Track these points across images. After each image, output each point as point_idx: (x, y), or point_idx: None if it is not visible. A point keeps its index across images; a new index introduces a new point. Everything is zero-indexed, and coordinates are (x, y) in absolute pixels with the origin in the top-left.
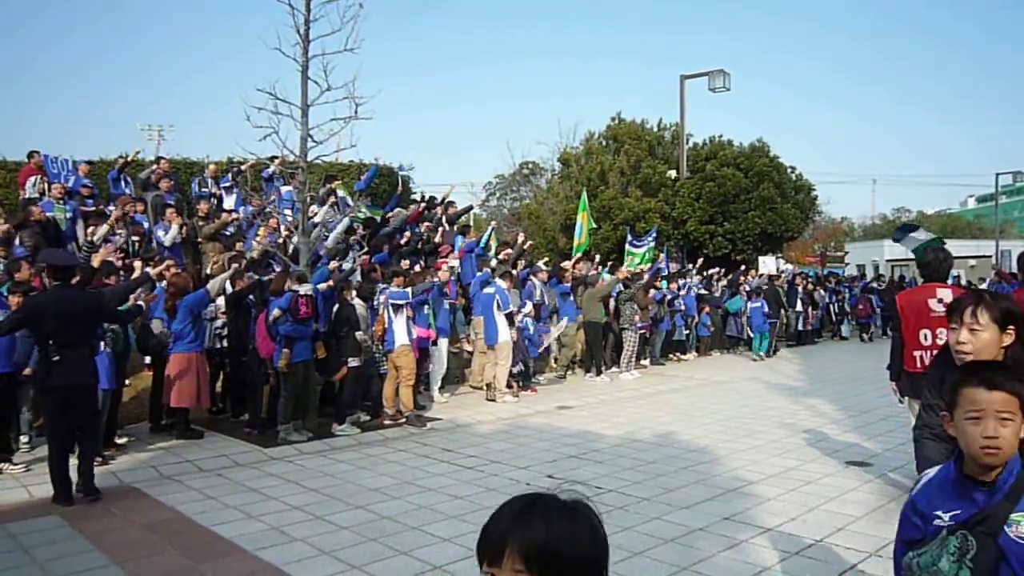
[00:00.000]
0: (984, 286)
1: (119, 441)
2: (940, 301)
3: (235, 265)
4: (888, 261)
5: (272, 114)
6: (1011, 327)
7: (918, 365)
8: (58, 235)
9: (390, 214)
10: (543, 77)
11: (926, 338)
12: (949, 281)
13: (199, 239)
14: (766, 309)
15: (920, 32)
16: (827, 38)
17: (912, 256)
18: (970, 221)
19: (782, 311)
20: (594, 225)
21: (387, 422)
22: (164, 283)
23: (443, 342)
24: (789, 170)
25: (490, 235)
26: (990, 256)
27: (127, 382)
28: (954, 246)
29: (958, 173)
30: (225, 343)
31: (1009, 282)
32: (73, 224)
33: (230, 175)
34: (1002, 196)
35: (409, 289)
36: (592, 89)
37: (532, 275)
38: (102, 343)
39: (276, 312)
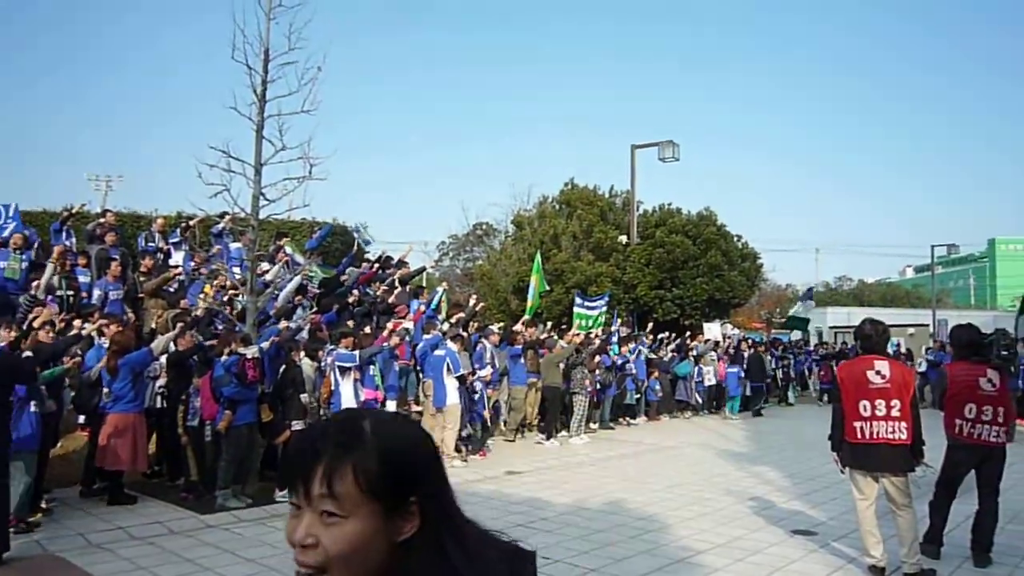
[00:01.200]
0: (924, 354)
1: (44, 506)
2: (878, 373)
3: (180, 324)
4: (831, 328)
5: (224, 171)
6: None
7: (858, 436)
8: None
9: (343, 276)
10: (498, 140)
11: (865, 409)
12: (890, 350)
13: (140, 294)
14: (742, 375)
15: (861, 109)
16: (773, 116)
17: (853, 324)
18: (908, 290)
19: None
20: (546, 288)
21: None
22: (104, 340)
23: (391, 404)
24: (736, 238)
25: (441, 297)
26: (928, 325)
27: (59, 443)
28: (893, 315)
29: (896, 244)
30: (165, 403)
31: (947, 353)
32: (27, 275)
33: (179, 231)
34: (938, 267)
35: (357, 352)
36: (546, 154)
37: (484, 338)
38: (32, 403)
39: (221, 373)
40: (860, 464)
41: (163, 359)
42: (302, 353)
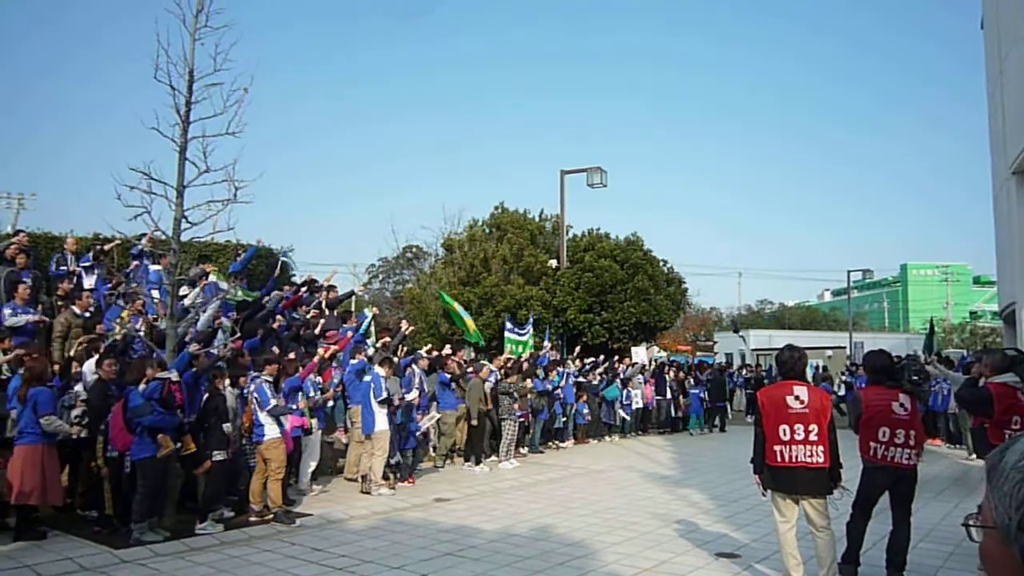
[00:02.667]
0: (842, 377)
1: None
2: (797, 398)
3: (96, 354)
4: (753, 350)
5: (145, 193)
6: None
7: (779, 459)
8: None
9: (266, 298)
10: (428, 162)
11: (785, 433)
12: (809, 374)
13: (55, 324)
14: (704, 395)
15: (782, 136)
16: (697, 143)
17: (775, 347)
18: (826, 313)
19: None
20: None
21: (253, 519)
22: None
23: (316, 432)
24: (662, 263)
25: (370, 321)
26: (845, 347)
27: None
28: (813, 337)
29: (815, 268)
30: (84, 434)
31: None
32: None
33: (91, 254)
34: (854, 291)
35: (274, 402)
36: (475, 177)
37: (414, 363)
38: None
39: (139, 402)
40: (781, 487)
41: (79, 387)
42: (227, 381)
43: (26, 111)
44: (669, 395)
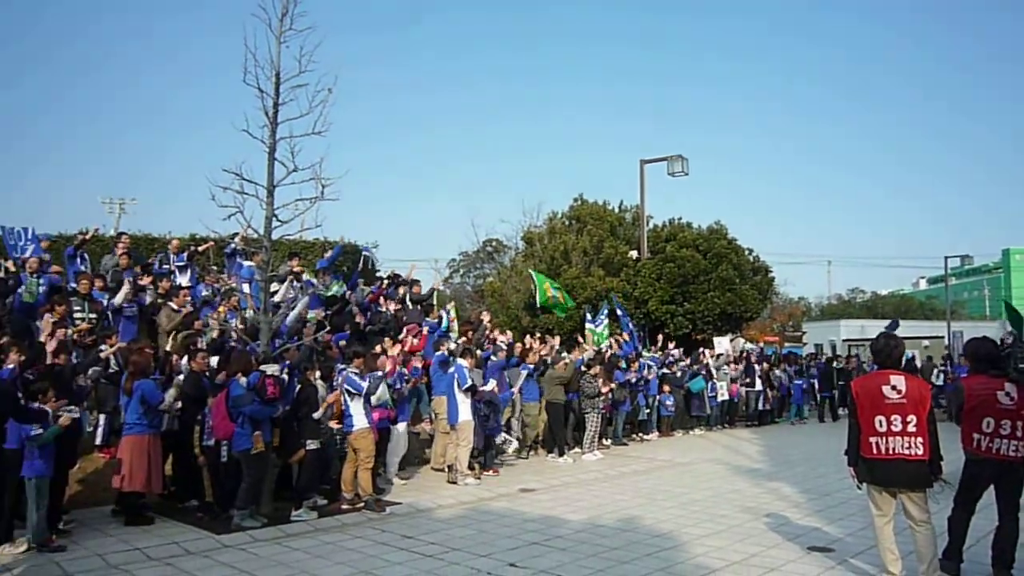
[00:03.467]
0: (939, 367)
1: (63, 527)
2: (894, 388)
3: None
4: (844, 340)
5: (237, 193)
6: None
7: (874, 451)
8: None
9: (350, 294)
10: (508, 157)
11: (881, 424)
12: (903, 364)
13: (157, 320)
14: (805, 386)
15: (875, 119)
16: (781, 129)
17: (868, 337)
18: (922, 302)
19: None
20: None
21: (345, 507)
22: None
23: (402, 424)
24: (747, 252)
25: (451, 316)
26: (942, 337)
27: (77, 465)
28: (908, 327)
29: (909, 255)
30: (177, 424)
31: (963, 366)
32: (47, 299)
33: (185, 254)
34: (952, 278)
35: (365, 383)
36: (555, 170)
37: (494, 354)
38: (33, 427)
39: (240, 392)
40: (877, 480)
41: (172, 391)
42: (317, 373)
43: (122, 117)
44: (758, 387)
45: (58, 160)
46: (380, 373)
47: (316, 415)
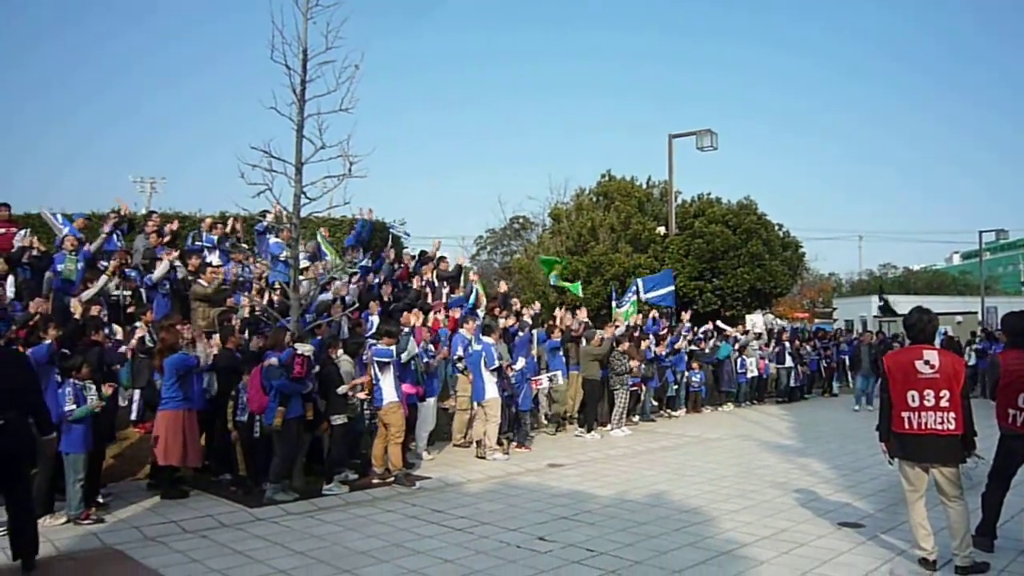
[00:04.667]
0: (972, 344)
1: (101, 501)
2: (927, 363)
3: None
4: (875, 317)
5: (266, 171)
6: None
7: (906, 426)
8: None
9: (377, 271)
10: (534, 133)
11: (914, 400)
12: (936, 341)
13: (189, 295)
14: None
15: (906, 94)
16: (811, 101)
17: (899, 313)
18: (955, 277)
19: None
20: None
21: (375, 481)
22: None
23: (431, 399)
24: (776, 227)
25: (476, 291)
26: (976, 312)
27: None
28: (940, 302)
29: (942, 230)
30: (212, 400)
31: (997, 341)
32: (83, 275)
33: (215, 233)
34: (986, 253)
35: (394, 348)
36: (582, 146)
37: (521, 329)
38: (69, 402)
39: (273, 360)
40: (909, 455)
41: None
42: (340, 350)
43: (165, 103)
44: (788, 363)
45: (100, 144)
46: (407, 329)
47: (340, 390)
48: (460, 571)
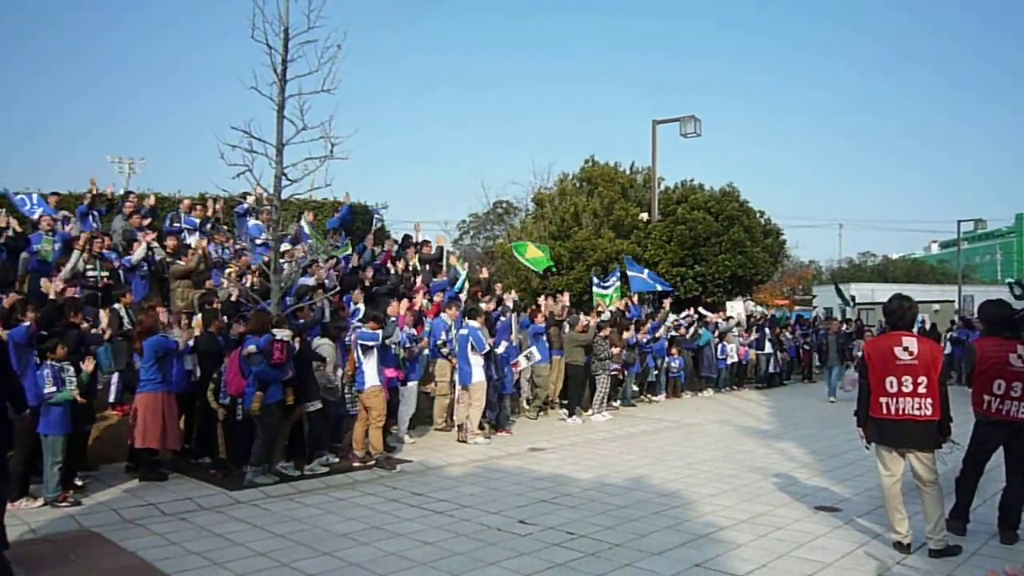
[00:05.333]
0: (949, 332)
1: (79, 483)
2: (906, 349)
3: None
4: (853, 305)
5: (246, 152)
6: None
7: (883, 412)
8: None
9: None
10: (518, 119)
11: (892, 385)
12: (915, 329)
13: (167, 276)
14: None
15: (888, 83)
16: (795, 88)
17: (878, 300)
18: (933, 266)
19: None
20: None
21: (356, 464)
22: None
23: (412, 383)
24: (758, 214)
25: (465, 278)
26: (953, 301)
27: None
28: (919, 291)
29: (921, 219)
30: (194, 383)
31: (974, 329)
32: (59, 256)
33: (195, 215)
34: (964, 242)
35: (380, 331)
36: (566, 132)
37: (503, 314)
38: (48, 384)
39: (251, 348)
40: (886, 440)
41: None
42: (319, 338)
43: (132, 77)
44: (768, 349)
45: (70, 118)
46: (394, 318)
47: (317, 376)
48: (440, 554)
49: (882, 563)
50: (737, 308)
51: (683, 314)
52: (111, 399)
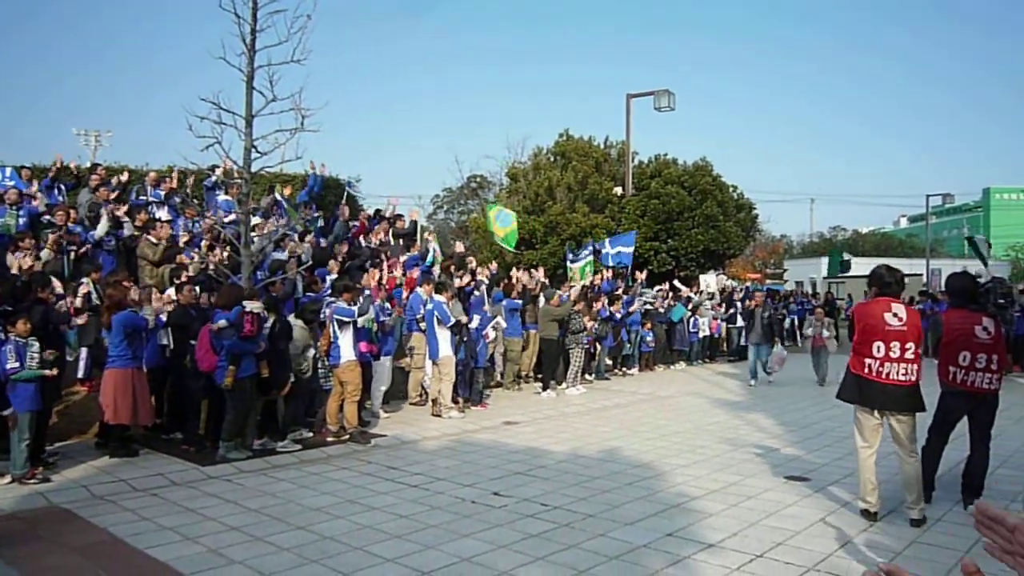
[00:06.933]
0: (917, 306)
1: (50, 461)
2: (895, 315)
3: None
4: (825, 278)
5: (215, 124)
6: None
7: (865, 371)
8: None
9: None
10: (493, 92)
11: (879, 350)
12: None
13: (137, 254)
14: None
15: (860, 56)
16: (769, 61)
17: (847, 274)
18: (902, 240)
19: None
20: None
21: (330, 439)
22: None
23: (385, 358)
24: (731, 189)
25: (435, 250)
26: (921, 275)
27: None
28: (888, 264)
29: (891, 194)
30: (168, 357)
31: (937, 302)
32: (27, 230)
33: (162, 188)
34: (932, 217)
35: (355, 307)
36: (540, 107)
37: (476, 288)
38: (11, 360)
39: (222, 323)
40: (866, 401)
41: (164, 317)
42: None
43: (105, 45)
44: (740, 323)
45: (19, 83)
46: (368, 292)
47: (292, 352)
48: (415, 526)
49: (841, 531)
50: (710, 282)
51: (656, 288)
52: (79, 375)
